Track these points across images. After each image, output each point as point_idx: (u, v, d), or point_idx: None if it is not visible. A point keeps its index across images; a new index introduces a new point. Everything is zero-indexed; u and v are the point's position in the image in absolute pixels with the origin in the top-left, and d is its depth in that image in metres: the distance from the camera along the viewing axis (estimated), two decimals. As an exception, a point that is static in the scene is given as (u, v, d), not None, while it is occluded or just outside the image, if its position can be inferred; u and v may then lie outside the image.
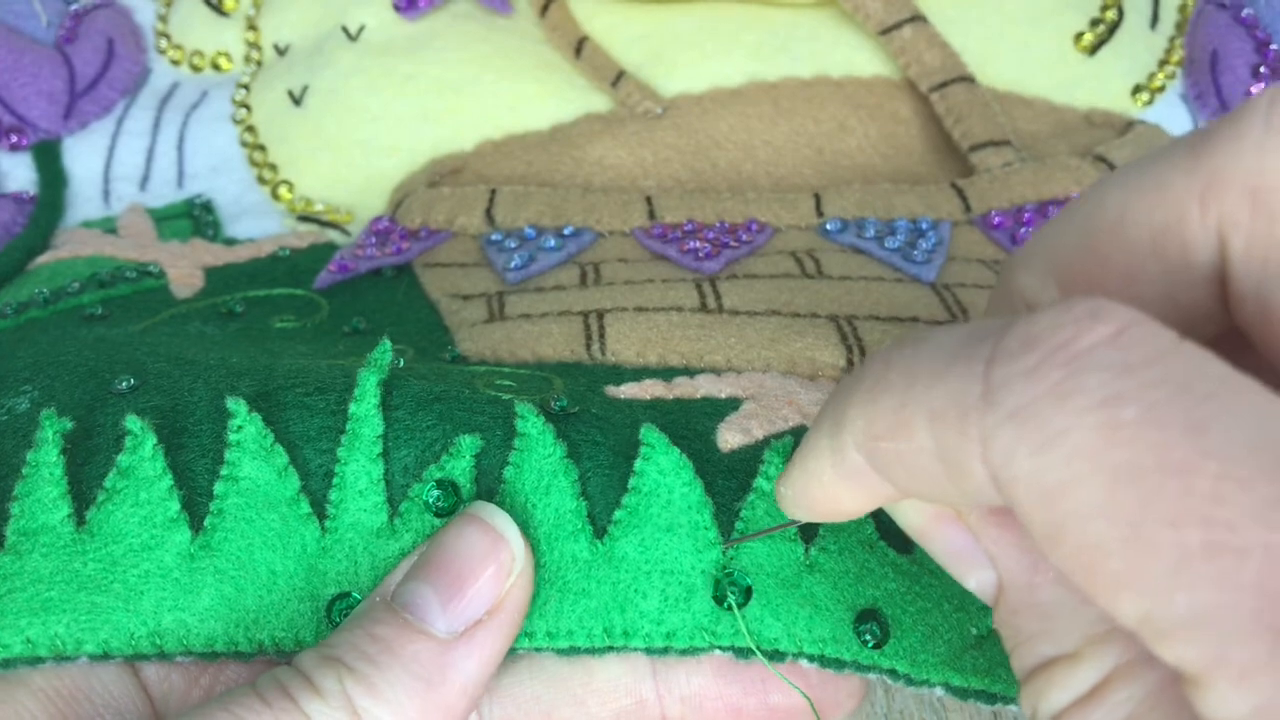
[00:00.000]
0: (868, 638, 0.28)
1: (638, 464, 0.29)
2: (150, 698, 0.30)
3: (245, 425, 0.30)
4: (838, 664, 0.28)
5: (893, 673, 0.28)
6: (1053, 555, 0.19)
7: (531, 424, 0.30)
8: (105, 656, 0.28)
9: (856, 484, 0.24)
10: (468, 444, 0.30)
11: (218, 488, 0.29)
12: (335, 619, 0.29)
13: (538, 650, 0.29)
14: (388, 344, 0.31)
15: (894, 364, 0.22)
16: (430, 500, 0.29)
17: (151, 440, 0.29)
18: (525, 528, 0.29)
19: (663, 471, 0.29)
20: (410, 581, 0.28)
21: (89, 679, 0.29)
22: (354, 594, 0.29)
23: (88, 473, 0.30)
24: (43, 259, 0.49)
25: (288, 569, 0.29)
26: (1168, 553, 0.17)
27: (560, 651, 0.29)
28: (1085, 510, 0.18)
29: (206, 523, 0.29)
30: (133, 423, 0.29)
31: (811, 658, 0.28)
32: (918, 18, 0.53)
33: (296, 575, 0.29)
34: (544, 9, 0.57)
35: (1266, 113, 0.22)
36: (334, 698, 0.26)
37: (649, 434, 0.30)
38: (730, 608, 0.28)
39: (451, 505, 0.29)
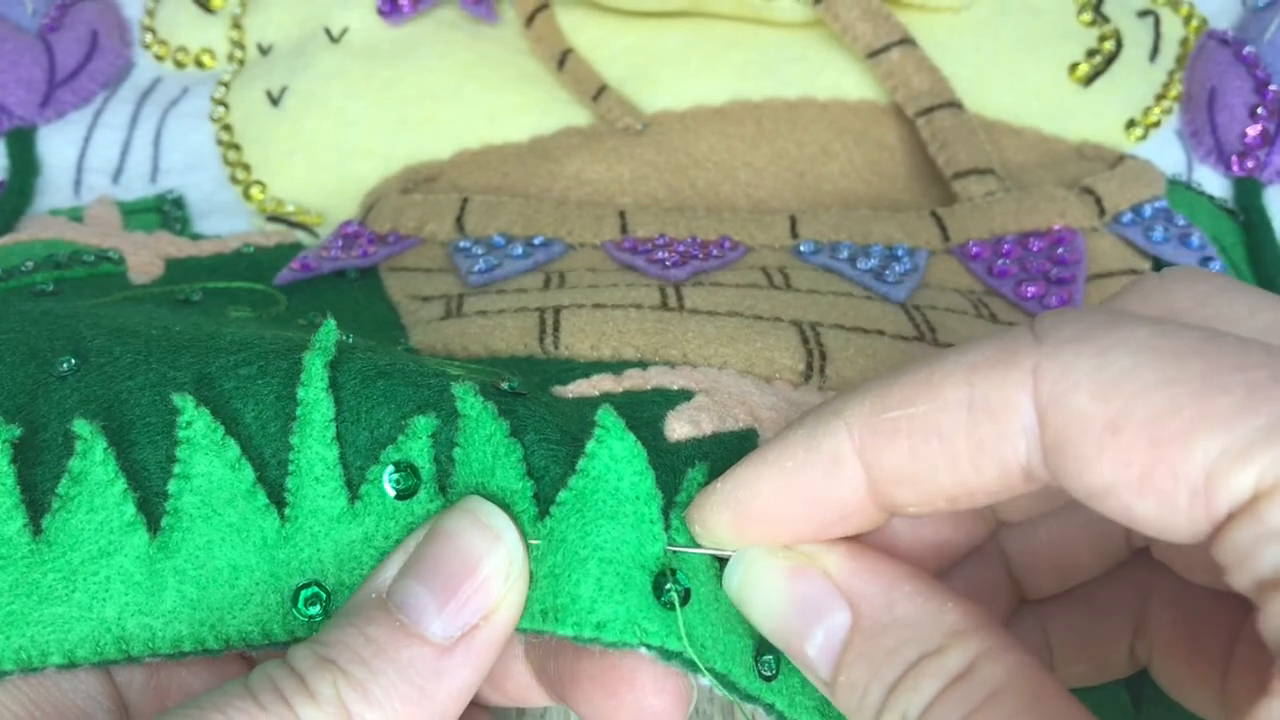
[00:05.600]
0: (765, 670, 0.28)
1: (590, 445, 0.28)
2: (115, 684, 0.30)
3: (194, 420, 0.29)
4: (732, 687, 0.27)
5: (770, 707, 0.28)
6: (1106, 449, 0.21)
7: (470, 404, 0.29)
8: (71, 665, 0.28)
9: (817, 479, 0.24)
10: (423, 424, 0.29)
11: (171, 486, 0.28)
12: (302, 608, 0.28)
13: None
14: (332, 324, 0.30)
15: (909, 365, 0.24)
16: (392, 484, 0.28)
17: (102, 444, 0.28)
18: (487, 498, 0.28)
19: (615, 457, 0.28)
20: (405, 580, 0.27)
21: (60, 672, 0.29)
22: (320, 582, 0.28)
23: (39, 477, 0.29)
24: (1, 240, 0.48)
25: (249, 562, 0.28)
26: (1238, 389, 0.20)
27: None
28: (1154, 382, 0.20)
29: (163, 523, 0.28)
30: (81, 427, 0.28)
31: (715, 675, 0.27)
32: (906, 41, 0.52)
33: (259, 568, 0.28)
34: (530, 19, 0.56)
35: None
36: (328, 703, 0.25)
37: (606, 417, 0.28)
38: (671, 605, 0.27)
39: (410, 487, 0.28)
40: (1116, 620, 0.30)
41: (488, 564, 0.27)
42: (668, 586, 0.27)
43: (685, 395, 0.32)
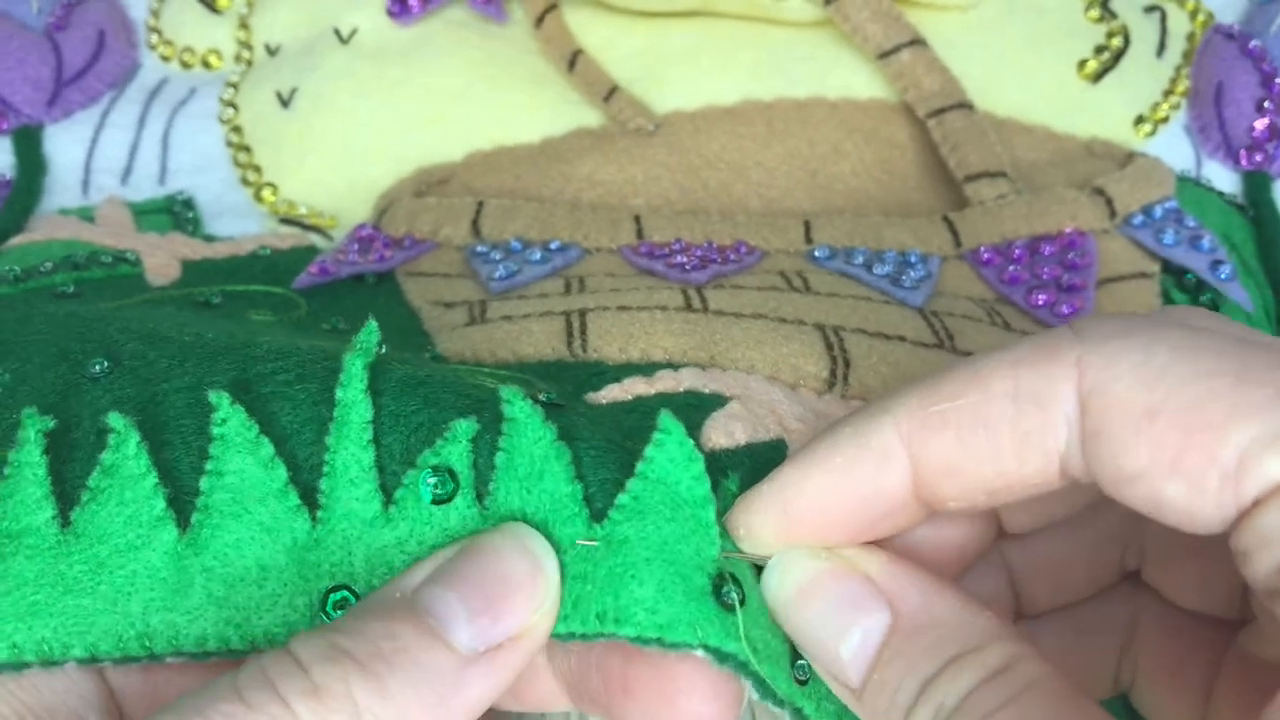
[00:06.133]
0: (799, 674, 0.28)
1: (649, 449, 0.28)
2: (110, 688, 0.29)
3: (229, 418, 0.28)
4: (770, 691, 0.27)
5: (799, 711, 0.28)
6: (1142, 434, 0.22)
7: (519, 408, 0.28)
8: (93, 660, 0.28)
9: (866, 476, 0.25)
10: (463, 428, 0.28)
11: (203, 483, 0.28)
12: (330, 612, 0.28)
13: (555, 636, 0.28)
14: (374, 324, 0.30)
15: (953, 365, 0.25)
16: (428, 487, 0.28)
17: (135, 437, 0.28)
18: (520, 514, 0.28)
19: (673, 460, 0.28)
20: (436, 586, 0.26)
21: (46, 676, 0.28)
22: (349, 586, 0.28)
23: (70, 471, 0.29)
24: (15, 240, 0.48)
25: (278, 563, 0.28)
26: (1273, 384, 0.21)
27: (556, 636, 0.27)
28: (1192, 375, 0.22)
29: (193, 520, 0.28)
30: (115, 420, 0.28)
31: (758, 680, 0.27)
32: (917, 41, 0.52)
33: (288, 569, 0.28)
34: (539, 20, 0.56)
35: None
36: (337, 700, 0.24)
37: (666, 420, 0.28)
38: (732, 607, 0.27)
39: (450, 492, 0.28)
40: (1104, 641, 0.31)
41: (527, 588, 0.26)
42: (726, 589, 0.27)
43: (718, 400, 0.32)
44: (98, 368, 0.31)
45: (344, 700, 0.24)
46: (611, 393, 0.33)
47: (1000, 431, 0.24)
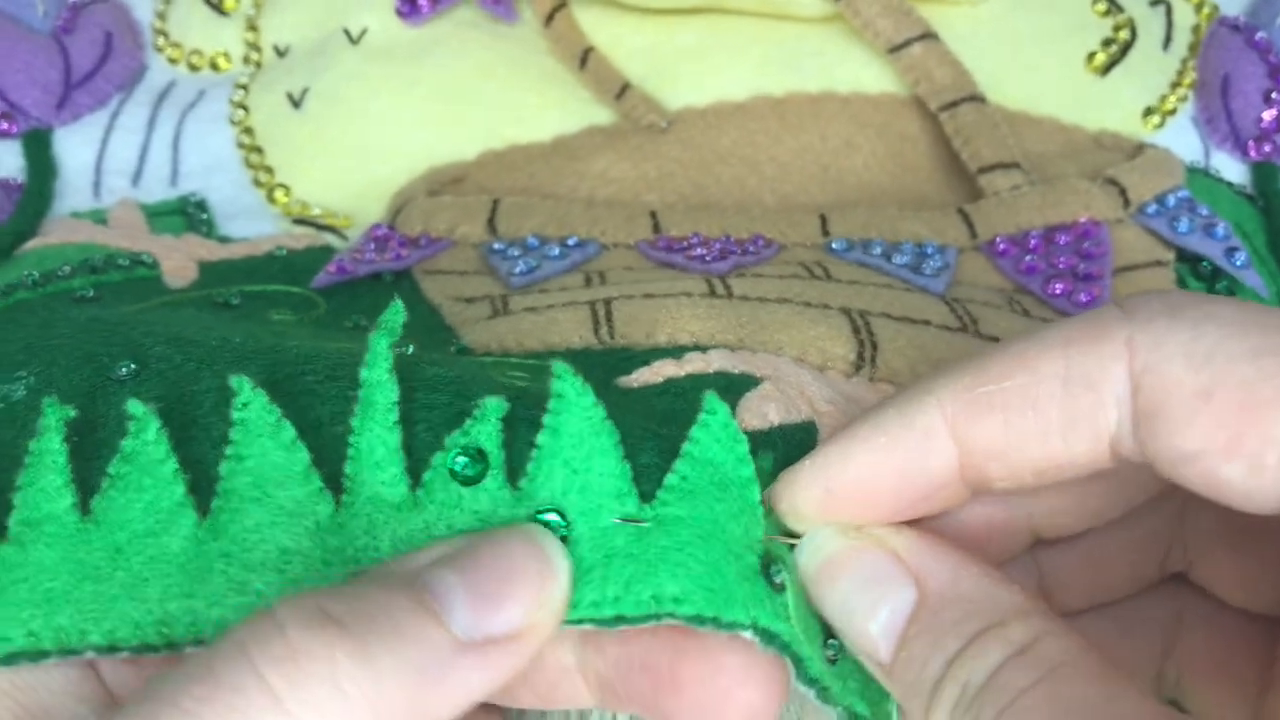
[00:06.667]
0: (830, 652, 0.28)
1: (695, 431, 0.28)
2: (106, 687, 0.29)
3: (250, 401, 0.28)
4: (805, 674, 0.27)
5: (825, 690, 0.28)
6: (1198, 414, 0.22)
7: (569, 383, 0.27)
8: (112, 649, 0.27)
9: (911, 455, 0.25)
10: (493, 406, 0.28)
11: (223, 468, 0.28)
12: None
13: (579, 624, 0.27)
14: (399, 304, 0.29)
15: (999, 346, 0.25)
16: (458, 468, 0.27)
17: (155, 424, 0.28)
18: (566, 493, 0.27)
19: (719, 441, 0.28)
20: (440, 568, 0.25)
21: (44, 672, 0.28)
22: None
23: (92, 460, 0.28)
24: (30, 244, 0.48)
25: (301, 547, 0.27)
26: None
27: (603, 623, 0.27)
28: (1243, 353, 0.21)
29: (213, 505, 0.28)
30: (135, 407, 0.28)
31: (796, 660, 0.27)
32: (928, 35, 0.52)
33: (311, 554, 0.27)
34: (549, 18, 0.56)
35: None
36: (315, 664, 0.22)
37: (712, 400, 0.28)
38: (782, 586, 0.27)
39: (479, 473, 0.27)
40: (1145, 642, 0.30)
41: (533, 583, 0.25)
42: (775, 568, 0.27)
43: (749, 381, 0.32)
44: (124, 370, 0.31)
45: (324, 666, 0.22)
46: (642, 375, 0.33)
47: (1049, 413, 0.24)
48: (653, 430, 0.29)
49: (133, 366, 0.31)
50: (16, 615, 0.27)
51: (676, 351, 0.35)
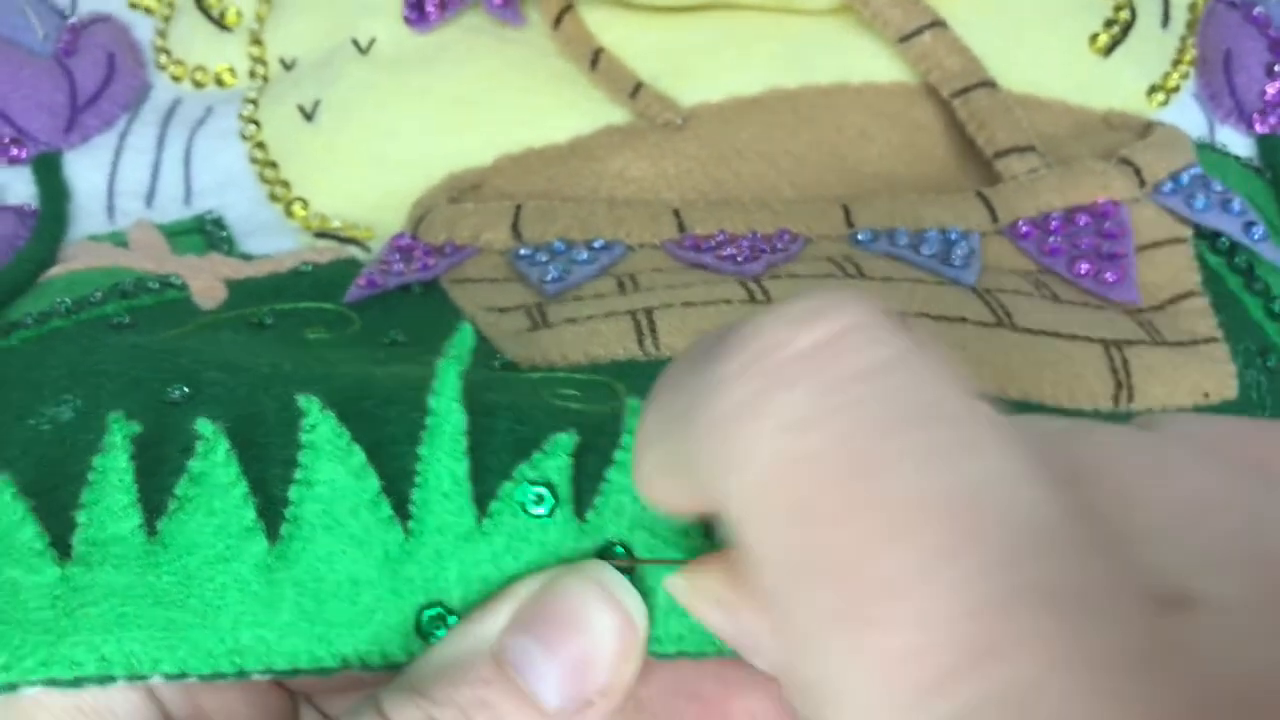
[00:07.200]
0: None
1: None
2: (166, 711, 0.29)
3: (318, 424, 0.28)
4: None
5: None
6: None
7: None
8: (182, 676, 0.27)
9: None
10: (563, 441, 0.28)
11: (293, 493, 0.27)
12: (425, 628, 0.27)
13: (662, 656, 0.27)
14: (468, 329, 0.29)
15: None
16: (527, 502, 0.27)
17: (224, 445, 0.27)
18: (634, 527, 0.27)
19: None
20: (520, 636, 0.25)
21: (109, 695, 0.28)
22: (444, 602, 0.27)
23: (156, 480, 0.28)
24: (55, 271, 0.48)
25: (370, 577, 0.27)
26: (806, 613, 0.16)
27: (663, 655, 0.27)
28: (756, 548, 0.17)
29: (283, 531, 0.27)
30: (204, 426, 0.28)
31: None
32: (938, 23, 0.53)
33: (380, 584, 0.27)
34: (556, 21, 0.56)
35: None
36: None
37: None
38: None
39: (547, 507, 0.27)
40: None
41: (618, 645, 0.25)
42: None
43: None
44: (177, 394, 0.30)
45: None
46: None
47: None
48: None
49: (186, 390, 0.30)
50: (88, 639, 0.26)
51: None
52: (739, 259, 0.44)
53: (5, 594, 0.27)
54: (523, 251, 0.47)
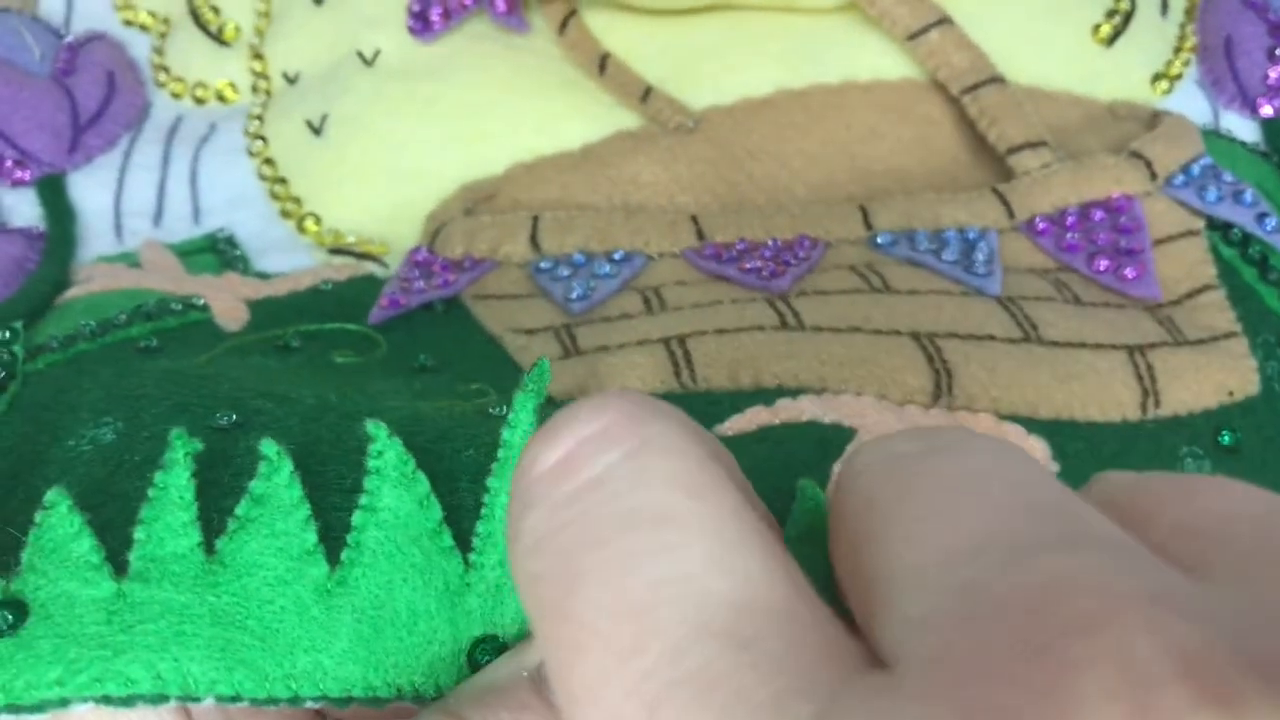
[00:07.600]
0: None
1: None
2: None
3: (385, 450, 0.27)
4: None
5: None
6: None
7: None
8: (235, 699, 0.26)
9: None
10: None
11: (356, 518, 0.27)
12: (478, 659, 0.27)
13: None
14: (545, 363, 0.29)
15: None
16: None
17: (289, 467, 0.27)
18: None
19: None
20: None
21: (142, 714, 0.27)
22: (498, 635, 0.27)
23: (211, 500, 0.27)
24: (74, 292, 0.48)
25: (429, 608, 0.27)
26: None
27: None
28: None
29: (344, 556, 0.27)
30: (269, 447, 0.27)
31: None
32: (945, 20, 0.53)
33: (439, 615, 0.27)
34: (561, 27, 0.56)
35: None
36: None
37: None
38: None
39: None
40: None
41: None
42: None
43: (840, 433, 0.33)
44: (224, 420, 0.30)
45: None
46: (736, 424, 0.34)
47: None
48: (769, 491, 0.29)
49: (234, 418, 0.30)
50: (144, 657, 0.26)
51: (768, 397, 0.35)
52: (764, 273, 0.44)
53: (60, 607, 0.27)
54: (543, 264, 0.47)
